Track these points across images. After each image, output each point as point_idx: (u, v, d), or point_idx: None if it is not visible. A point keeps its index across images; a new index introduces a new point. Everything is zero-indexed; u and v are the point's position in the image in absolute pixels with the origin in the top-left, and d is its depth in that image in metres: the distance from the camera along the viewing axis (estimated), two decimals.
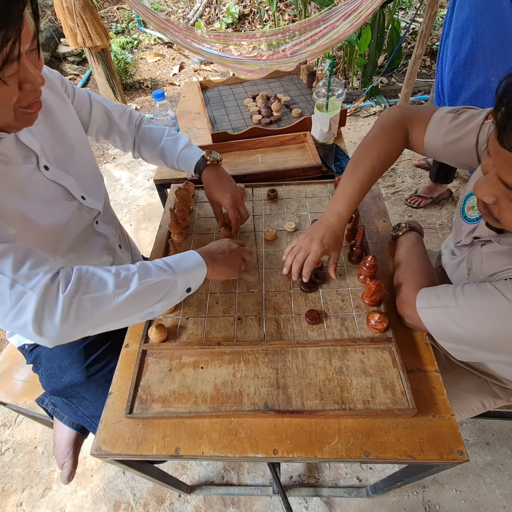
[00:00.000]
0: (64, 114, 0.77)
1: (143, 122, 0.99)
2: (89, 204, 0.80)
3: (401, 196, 2.24)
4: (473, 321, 0.62)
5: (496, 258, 0.67)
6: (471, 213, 0.76)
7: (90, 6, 2.15)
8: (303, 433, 0.64)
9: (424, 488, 1.24)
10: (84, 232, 0.82)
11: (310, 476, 1.30)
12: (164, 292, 0.63)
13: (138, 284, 0.59)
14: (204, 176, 0.92)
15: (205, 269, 0.69)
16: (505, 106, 0.46)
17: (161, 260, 0.67)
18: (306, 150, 1.26)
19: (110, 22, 4.14)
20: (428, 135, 0.79)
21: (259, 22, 3.95)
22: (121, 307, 0.58)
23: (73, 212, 0.76)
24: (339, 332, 0.74)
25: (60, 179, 0.73)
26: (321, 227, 0.79)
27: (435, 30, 3.39)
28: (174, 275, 0.64)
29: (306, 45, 2.39)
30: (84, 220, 0.81)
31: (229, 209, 0.89)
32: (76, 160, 0.78)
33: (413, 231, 0.88)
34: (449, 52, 1.49)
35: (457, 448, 0.60)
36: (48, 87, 0.74)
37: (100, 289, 0.57)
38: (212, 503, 1.25)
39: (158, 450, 0.64)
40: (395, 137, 0.81)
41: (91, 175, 0.84)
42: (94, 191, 0.83)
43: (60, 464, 0.95)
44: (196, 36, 2.38)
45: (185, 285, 0.67)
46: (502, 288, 0.59)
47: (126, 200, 2.45)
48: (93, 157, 0.87)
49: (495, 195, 0.55)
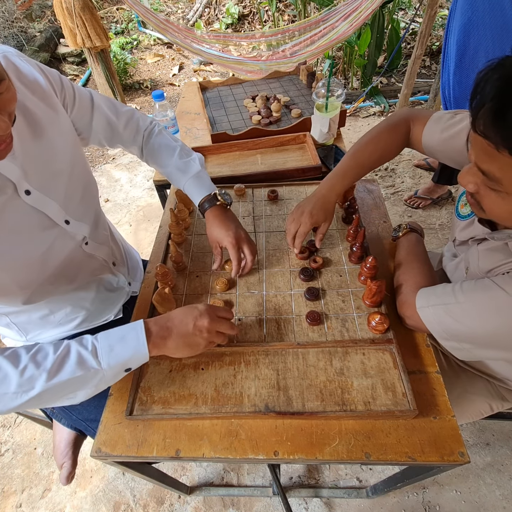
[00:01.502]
0: (56, 129, 0.71)
1: (154, 134, 0.91)
2: (73, 229, 0.74)
3: (401, 196, 2.24)
4: (473, 317, 0.62)
5: (491, 255, 0.68)
6: (464, 210, 0.78)
7: (90, 6, 2.15)
8: (304, 435, 0.64)
9: (424, 489, 1.24)
10: (70, 257, 0.76)
11: (310, 477, 1.30)
12: (84, 384, 0.58)
13: (45, 385, 0.54)
14: (208, 214, 0.86)
15: (147, 356, 0.61)
16: (479, 94, 0.49)
17: (92, 343, 0.59)
18: (306, 150, 1.26)
19: (110, 23, 4.14)
20: (426, 132, 0.82)
21: (258, 23, 3.95)
22: (27, 402, 0.55)
23: (54, 240, 0.71)
24: (339, 333, 0.74)
25: (41, 205, 0.67)
26: (313, 199, 0.85)
27: (434, 31, 3.39)
28: (99, 367, 0.57)
29: (305, 46, 2.39)
30: (68, 245, 0.75)
31: (230, 248, 0.81)
32: (64, 181, 0.72)
33: (414, 232, 0.88)
34: (454, 54, 1.49)
35: (458, 450, 0.60)
36: (41, 98, 0.68)
37: (1, 386, 0.53)
38: (212, 504, 1.25)
39: (159, 452, 0.63)
40: (398, 130, 0.86)
41: (80, 195, 0.77)
42: (81, 212, 0.77)
43: (60, 465, 0.95)
44: (196, 36, 2.38)
45: (119, 371, 0.60)
46: (500, 282, 0.59)
47: (125, 200, 2.44)
48: (88, 172, 0.81)
49: (476, 183, 0.56)
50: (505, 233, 0.65)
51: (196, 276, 0.88)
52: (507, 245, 0.64)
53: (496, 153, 0.48)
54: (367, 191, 1.08)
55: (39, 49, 3.41)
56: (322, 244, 0.91)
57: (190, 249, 0.94)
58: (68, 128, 0.75)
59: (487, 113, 0.47)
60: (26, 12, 3.67)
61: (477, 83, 0.49)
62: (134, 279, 1.03)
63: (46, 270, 0.71)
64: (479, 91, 0.49)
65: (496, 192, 0.54)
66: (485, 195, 0.56)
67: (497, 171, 0.51)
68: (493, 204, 0.56)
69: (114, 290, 0.95)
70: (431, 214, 2.12)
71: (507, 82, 0.46)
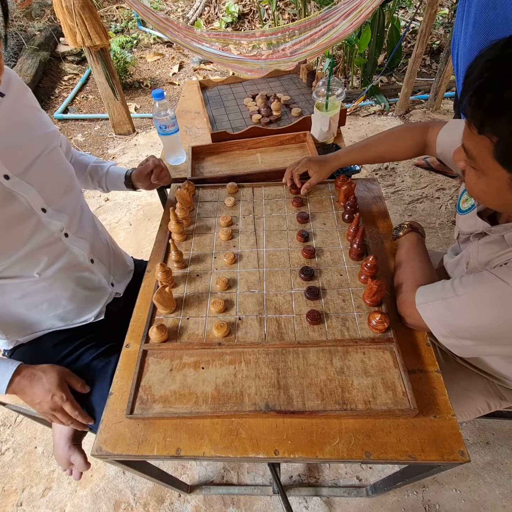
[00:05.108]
0: (32, 116, 0.76)
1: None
2: (50, 217, 0.77)
3: (401, 195, 2.24)
4: (472, 309, 0.62)
5: (489, 248, 0.70)
6: (465, 205, 0.81)
7: (90, 5, 2.14)
8: (304, 434, 0.64)
9: (424, 488, 1.24)
10: (45, 246, 0.78)
11: (310, 476, 1.30)
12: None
13: None
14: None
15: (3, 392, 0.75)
16: (465, 80, 0.53)
17: None
18: (306, 149, 1.26)
19: (110, 21, 4.13)
20: (440, 135, 0.86)
21: (258, 21, 3.94)
22: None
23: (28, 226, 0.73)
24: (340, 333, 0.74)
25: (21, 189, 0.70)
26: (317, 157, 1.01)
27: (435, 29, 3.39)
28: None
29: (305, 44, 2.38)
30: (42, 233, 0.77)
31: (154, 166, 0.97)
32: (41, 167, 0.75)
33: (415, 232, 0.88)
34: (467, 49, 1.46)
35: (458, 449, 0.60)
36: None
37: None
38: (212, 503, 1.25)
39: (159, 451, 0.64)
40: (414, 131, 0.92)
41: (63, 186, 0.82)
42: (62, 203, 0.81)
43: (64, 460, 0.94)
44: (196, 35, 2.38)
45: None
46: (499, 273, 0.60)
47: (125, 200, 2.44)
48: (67, 166, 0.86)
49: (464, 160, 0.60)
50: (502, 226, 0.67)
51: (197, 275, 0.88)
52: (504, 237, 0.66)
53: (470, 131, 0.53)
54: (367, 190, 1.08)
55: (39, 48, 3.40)
56: (322, 243, 0.91)
57: (190, 248, 0.94)
58: (44, 120, 0.81)
59: (470, 92, 0.51)
60: (26, 11, 3.66)
61: (470, 64, 0.52)
62: (118, 281, 1.03)
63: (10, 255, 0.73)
64: (469, 72, 0.52)
65: (475, 171, 0.58)
66: (468, 173, 0.60)
67: (473, 149, 0.55)
68: (471, 182, 0.60)
69: (94, 289, 0.95)
70: (431, 213, 2.12)
71: (493, 63, 0.49)
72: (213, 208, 1.04)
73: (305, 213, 0.97)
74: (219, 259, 0.90)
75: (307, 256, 0.88)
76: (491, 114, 0.49)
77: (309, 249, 0.88)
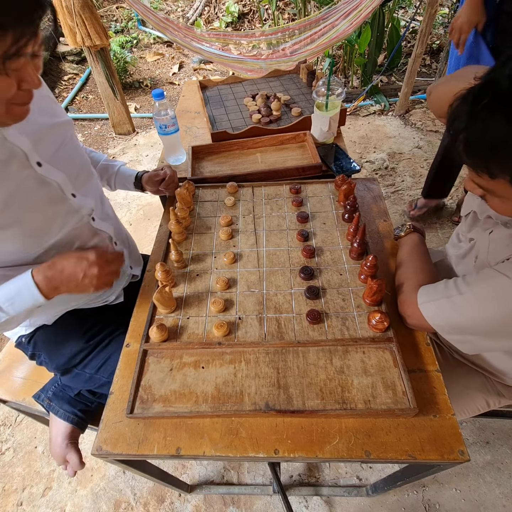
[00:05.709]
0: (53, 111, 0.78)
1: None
2: (80, 202, 0.79)
3: (401, 195, 2.24)
4: (476, 306, 0.62)
5: (501, 243, 0.70)
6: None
7: (89, 5, 2.14)
8: (304, 433, 0.64)
9: (424, 487, 1.24)
10: (76, 231, 0.81)
11: (310, 475, 1.30)
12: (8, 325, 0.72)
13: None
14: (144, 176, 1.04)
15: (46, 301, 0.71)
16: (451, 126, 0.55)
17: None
18: (306, 149, 1.26)
19: (110, 21, 4.13)
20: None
21: (258, 21, 3.94)
22: None
23: (61, 211, 0.76)
24: (340, 332, 0.74)
25: (52, 175, 0.72)
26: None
27: (435, 29, 3.39)
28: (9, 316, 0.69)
29: (305, 44, 2.38)
30: (74, 218, 0.79)
31: (168, 173, 1.01)
32: (67, 154, 0.78)
33: (416, 233, 0.88)
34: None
35: (458, 448, 0.60)
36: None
37: None
38: (212, 502, 1.25)
39: (159, 450, 0.64)
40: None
41: (85, 174, 0.84)
42: (86, 189, 0.83)
43: (60, 457, 0.95)
44: (196, 35, 2.38)
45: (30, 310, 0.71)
46: (502, 268, 0.61)
47: (126, 199, 2.44)
48: (84, 154, 0.87)
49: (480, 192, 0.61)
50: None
51: (197, 274, 0.88)
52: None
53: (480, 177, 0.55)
54: (367, 190, 1.08)
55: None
56: (322, 242, 0.91)
57: (190, 248, 0.94)
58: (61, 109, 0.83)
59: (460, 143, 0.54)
60: None
61: (450, 114, 0.55)
62: (134, 264, 1.06)
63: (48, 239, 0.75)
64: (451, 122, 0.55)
65: (498, 198, 0.59)
66: (489, 199, 0.61)
67: (488, 186, 0.56)
68: (498, 206, 0.62)
69: None
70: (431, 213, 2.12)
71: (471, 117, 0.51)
72: (213, 207, 1.04)
73: (305, 213, 0.97)
74: (219, 259, 0.90)
75: (307, 255, 0.88)
76: (493, 159, 0.51)
77: (309, 248, 0.88)
